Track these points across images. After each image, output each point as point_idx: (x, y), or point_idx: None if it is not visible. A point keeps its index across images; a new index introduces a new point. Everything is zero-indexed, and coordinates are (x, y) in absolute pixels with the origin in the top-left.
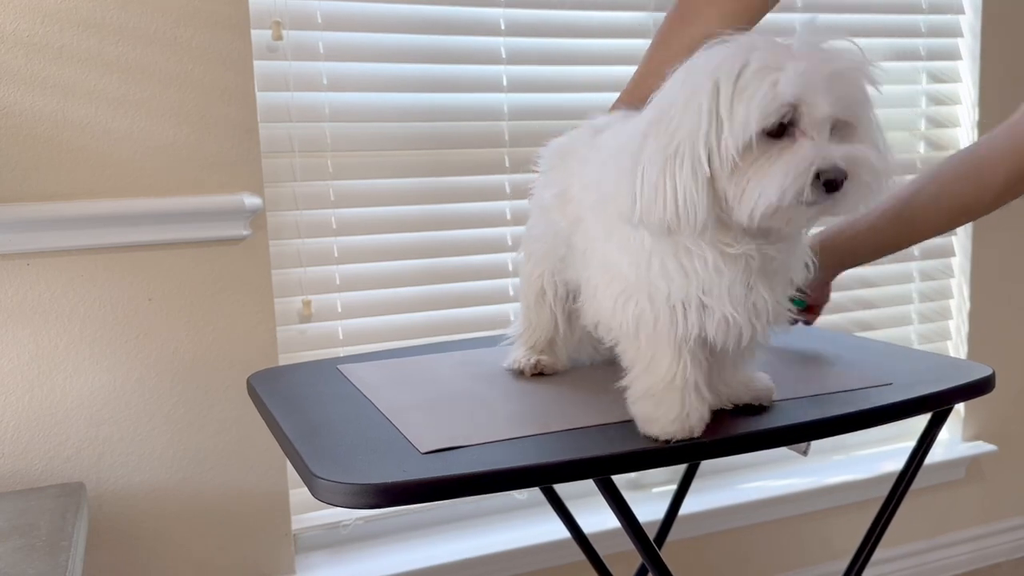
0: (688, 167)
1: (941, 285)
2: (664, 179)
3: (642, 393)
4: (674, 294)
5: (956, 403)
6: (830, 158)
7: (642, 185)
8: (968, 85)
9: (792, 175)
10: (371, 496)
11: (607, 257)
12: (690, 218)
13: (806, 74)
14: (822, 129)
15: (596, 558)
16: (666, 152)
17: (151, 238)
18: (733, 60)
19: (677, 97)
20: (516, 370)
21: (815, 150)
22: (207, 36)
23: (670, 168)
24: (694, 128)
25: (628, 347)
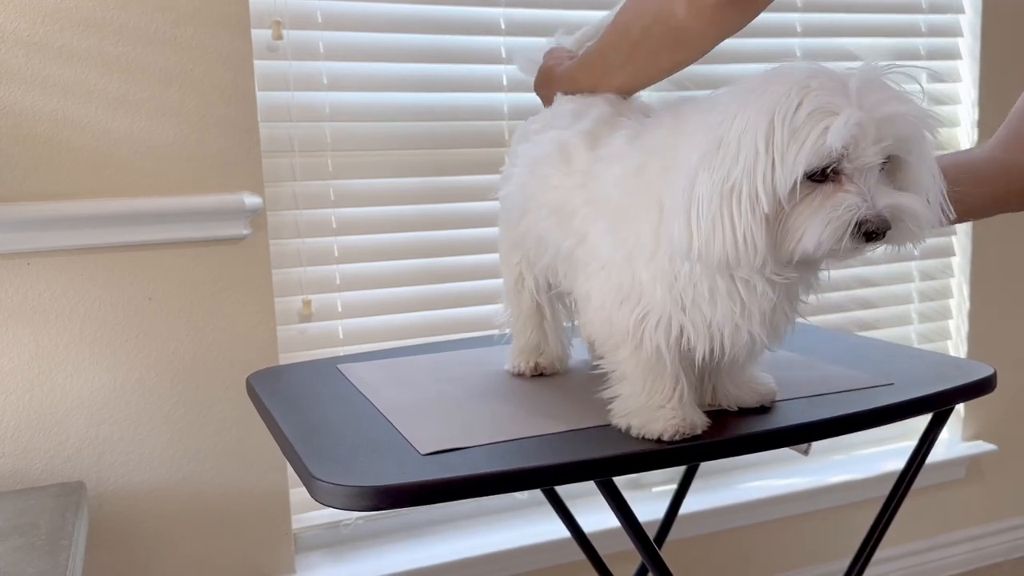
0: (747, 204)
1: (941, 284)
2: (722, 216)
3: (635, 409)
4: (718, 317)
5: (957, 403)
6: (873, 208)
7: (698, 221)
8: (968, 85)
9: (832, 225)
10: (371, 498)
11: (624, 278)
12: (749, 255)
13: (859, 123)
14: (869, 175)
15: (596, 558)
16: (723, 188)
17: (151, 238)
18: (789, 99)
19: (731, 132)
20: (516, 373)
21: (859, 199)
22: (207, 36)
23: (727, 205)
24: (751, 165)
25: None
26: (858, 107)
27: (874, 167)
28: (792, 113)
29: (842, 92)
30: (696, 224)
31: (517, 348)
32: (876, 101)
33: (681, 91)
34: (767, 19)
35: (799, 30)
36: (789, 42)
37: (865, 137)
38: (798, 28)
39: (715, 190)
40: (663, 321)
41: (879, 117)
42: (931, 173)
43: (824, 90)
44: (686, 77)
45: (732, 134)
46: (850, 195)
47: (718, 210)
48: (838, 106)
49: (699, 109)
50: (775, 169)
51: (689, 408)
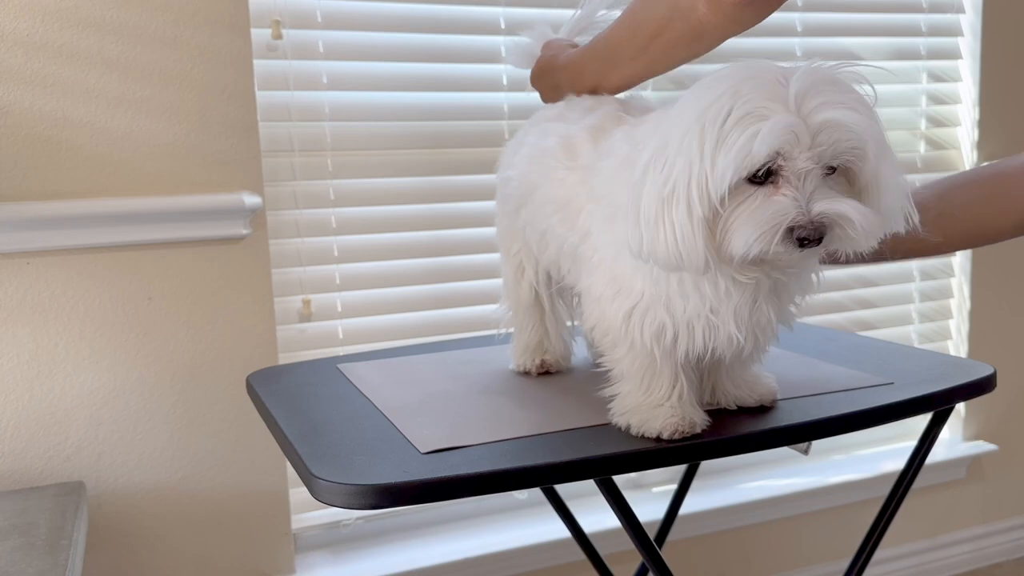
0: (683, 208)
1: (941, 284)
2: (662, 218)
3: (634, 407)
4: (689, 311)
5: (957, 402)
6: (806, 214)
7: (644, 222)
8: (968, 84)
9: (760, 229)
10: (371, 497)
11: (616, 271)
12: (689, 256)
13: (788, 128)
14: (808, 178)
15: (597, 557)
16: (662, 192)
17: (151, 237)
18: (720, 104)
19: (671, 135)
20: (522, 372)
21: (792, 204)
22: (207, 35)
23: (667, 208)
24: (686, 170)
25: (627, 359)
26: (794, 111)
27: (813, 172)
28: (723, 119)
29: (777, 96)
30: (643, 225)
31: (520, 346)
32: (814, 106)
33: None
34: (767, 18)
35: (799, 29)
36: (789, 41)
37: (797, 143)
38: (798, 27)
39: (656, 192)
40: (647, 314)
41: (815, 123)
42: (886, 179)
43: (758, 94)
44: (686, 76)
45: (673, 137)
46: (784, 199)
47: (659, 211)
48: (769, 111)
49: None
50: (708, 174)
51: (688, 406)
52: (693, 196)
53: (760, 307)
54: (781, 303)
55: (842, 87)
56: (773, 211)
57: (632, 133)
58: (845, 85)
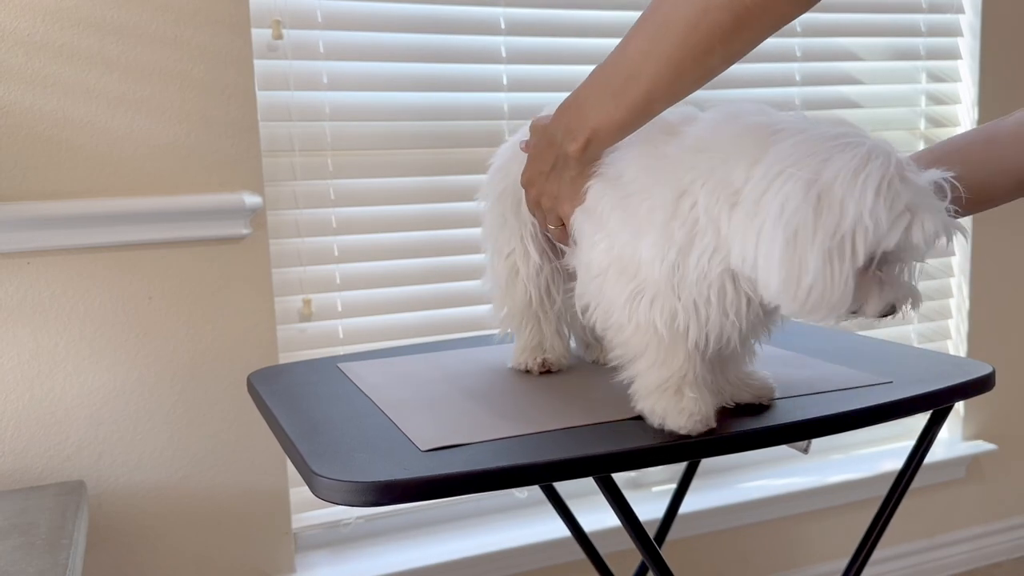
0: (849, 260)
1: (941, 284)
2: (829, 265)
3: (654, 388)
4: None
5: (956, 401)
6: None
7: (805, 265)
8: (968, 84)
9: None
10: (371, 494)
11: (624, 251)
12: (842, 306)
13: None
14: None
15: (596, 557)
16: (832, 241)
17: (151, 237)
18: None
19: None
20: (523, 371)
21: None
22: (207, 35)
23: (838, 256)
24: (864, 225)
25: (635, 338)
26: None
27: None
28: (892, 193)
29: (923, 191)
30: (801, 267)
31: (520, 346)
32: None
33: None
34: None
35: (799, 29)
36: (789, 41)
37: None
38: (798, 27)
39: (823, 240)
40: (657, 300)
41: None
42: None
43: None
44: None
45: (837, 183)
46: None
47: (826, 261)
48: (921, 207)
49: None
50: (872, 228)
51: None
52: (858, 246)
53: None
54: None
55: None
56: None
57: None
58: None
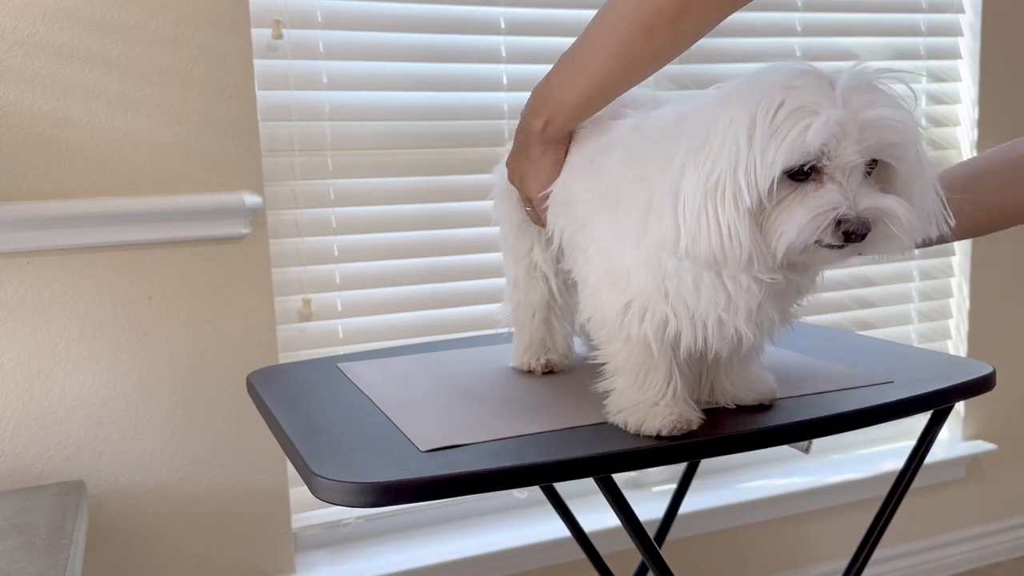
0: (730, 200)
1: (941, 284)
2: (706, 212)
3: (629, 405)
4: (701, 308)
5: (957, 401)
6: (854, 208)
7: (685, 217)
8: (968, 84)
9: (811, 218)
10: (371, 495)
11: (615, 263)
12: (735, 251)
13: (839, 122)
14: (852, 175)
15: (596, 557)
16: (707, 184)
17: (151, 236)
18: (771, 97)
19: (716, 128)
20: (525, 370)
21: (840, 197)
22: (207, 35)
23: (712, 200)
24: (734, 161)
25: (622, 353)
26: (842, 107)
27: (857, 168)
28: (774, 110)
29: (827, 92)
30: (683, 220)
31: (523, 345)
32: (862, 103)
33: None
34: (767, 19)
35: (799, 29)
36: (789, 41)
37: (846, 137)
38: (798, 27)
39: (700, 186)
40: (648, 308)
41: (862, 119)
42: (923, 180)
43: (808, 89)
44: (687, 77)
45: (717, 130)
46: (831, 193)
47: (703, 206)
48: (820, 105)
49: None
50: (756, 165)
51: (683, 403)
52: (741, 187)
53: (765, 308)
54: (785, 305)
55: (883, 89)
56: (824, 201)
57: (639, 126)
58: (888, 87)
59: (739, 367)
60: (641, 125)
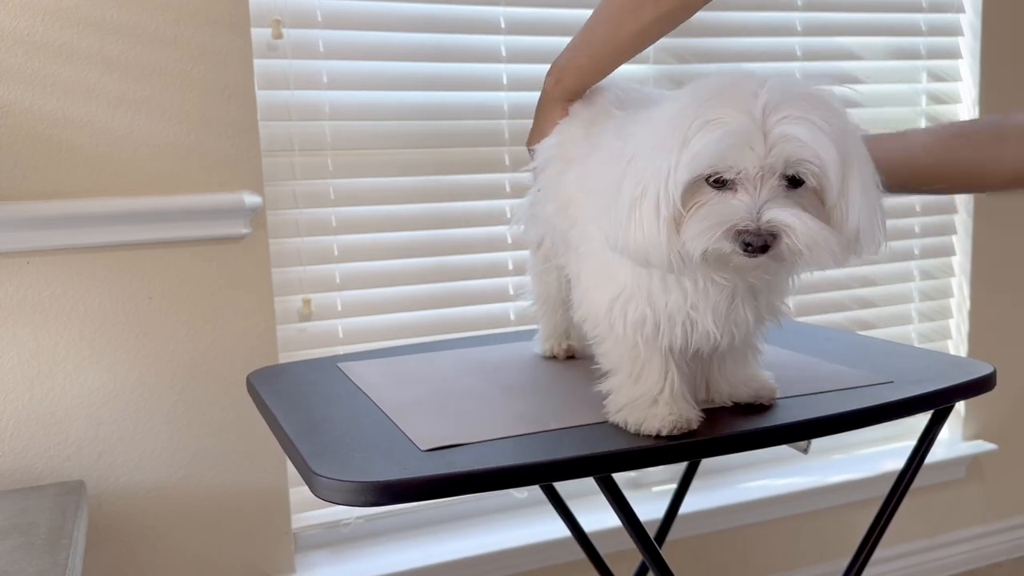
0: (651, 207)
1: (941, 284)
2: (633, 215)
3: (627, 402)
4: (670, 305)
5: (957, 401)
6: (755, 220)
7: (620, 219)
8: (968, 84)
9: (707, 224)
10: (371, 494)
11: (604, 260)
12: (655, 254)
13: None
14: (764, 187)
15: (597, 557)
16: (635, 191)
17: (151, 236)
18: (690, 110)
19: (651, 136)
20: (549, 356)
21: (741, 208)
22: (207, 34)
23: (639, 205)
24: (655, 170)
25: (615, 351)
26: (758, 121)
27: (769, 182)
28: (689, 122)
29: (744, 106)
30: (619, 220)
31: (545, 333)
32: (777, 118)
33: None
34: (767, 19)
35: (799, 29)
36: (789, 41)
37: (751, 151)
38: (798, 27)
39: (629, 190)
40: (629, 304)
41: (773, 135)
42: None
43: (726, 102)
44: (688, 77)
45: (651, 139)
46: (737, 203)
47: (631, 208)
48: (732, 117)
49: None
50: (671, 175)
51: (682, 401)
52: (660, 195)
53: (737, 306)
54: (758, 303)
55: (814, 103)
56: (723, 210)
57: (623, 127)
58: (818, 101)
59: (735, 365)
60: (623, 126)
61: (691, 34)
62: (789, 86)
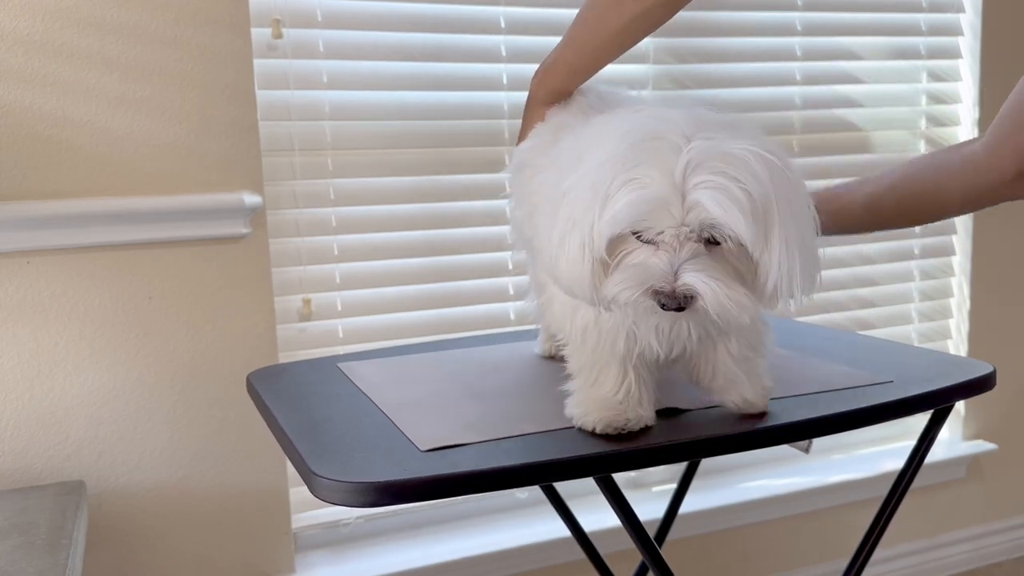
0: (576, 245)
1: (942, 284)
2: (563, 249)
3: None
4: (613, 318)
5: (957, 400)
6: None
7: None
8: (968, 84)
9: (627, 283)
10: (371, 494)
11: None
12: (580, 290)
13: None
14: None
15: (597, 557)
16: (565, 226)
17: (151, 236)
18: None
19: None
20: (548, 356)
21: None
22: (207, 34)
23: (568, 241)
24: (583, 213)
25: (577, 355)
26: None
27: (688, 244)
28: (613, 178)
29: (667, 163)
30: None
31: (545, 334)
32: (693, 184)
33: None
34: (767, 18)
35: (799, 29)
36: (789, 41)
37: (667, 213)
38: (798, 27)
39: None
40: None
41: (690, 200)
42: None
43: (652, 156)
44: (688, 77)
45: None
46: (658, 263)
47: (560, 242)
48: (651, 178)
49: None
50: (595, 226)
51: (632, 403)
52: (586, 239)
53: (680, 325)
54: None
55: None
56: (643, 270)
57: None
58: (740, 164)
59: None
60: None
61: (691, 34)
62: (713, 145)
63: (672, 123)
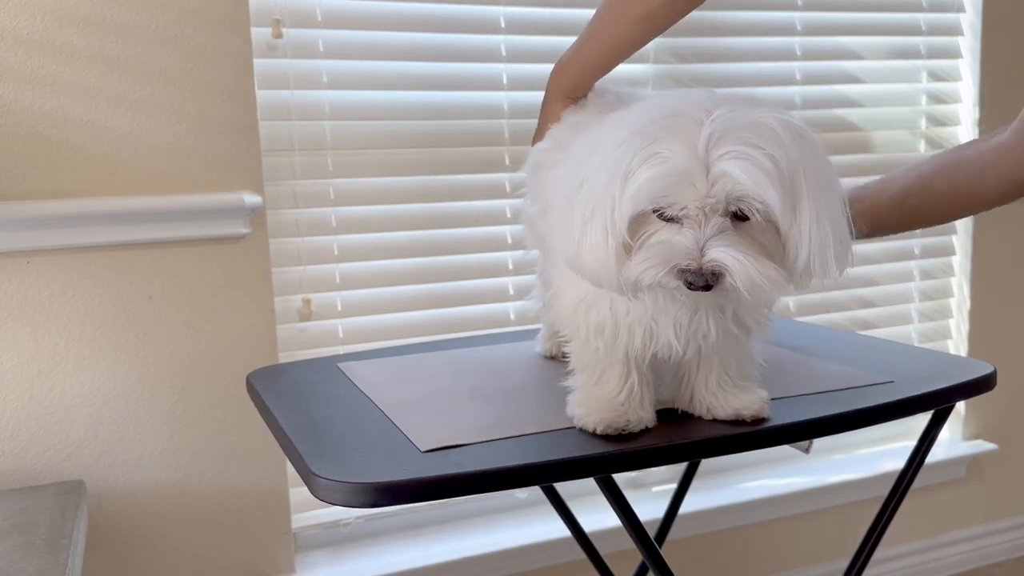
0: (599, 230)
1: (942, 284)
2: (585, 236)
3: (582, 398)
4: (632, 314)
5: (957, 401)
6: (697, 260)
7: (574, 235)
8: (969, 84)
9: (652, 262)
10: (371, 495)
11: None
12: (606, 276)
13: (679, 173)
14: (709, 222)
15: (597, 557)
16: (585, 212)
17: (151, 236)
18: (635, 139)
19: (600, 160)
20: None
21: (687, 245)
22: (207, 34)
23: (591, 227)
24: (603, 196)
25: (581, 352)
26: (702, 156)
27: (714, 218)
28: (633, 153)
29: (689, 138)
30: (572, 240)
31: (546, 333)
32: (718, 155)
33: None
34: (767, 18)
35: (799, 29)
36: (789, 41)
37: (692, 187)
38: (798, 27)
39: (581, 210)
40: (592, 308)
41: (715, 172)
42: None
43: (673, 131)
44: (688, 77)
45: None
46: (683, 240)
47: (582, 229)
48: (674, 152)
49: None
50: (616, 206)
51: (634, 404)
52: (608, 222)
53: (700, 319)
54: (724, 316)
55: (760, 135)
56: (666, 249)
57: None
58: (766, 132)
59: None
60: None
61: (691, 34)
62: (737, 115)
63: (693, 100)
